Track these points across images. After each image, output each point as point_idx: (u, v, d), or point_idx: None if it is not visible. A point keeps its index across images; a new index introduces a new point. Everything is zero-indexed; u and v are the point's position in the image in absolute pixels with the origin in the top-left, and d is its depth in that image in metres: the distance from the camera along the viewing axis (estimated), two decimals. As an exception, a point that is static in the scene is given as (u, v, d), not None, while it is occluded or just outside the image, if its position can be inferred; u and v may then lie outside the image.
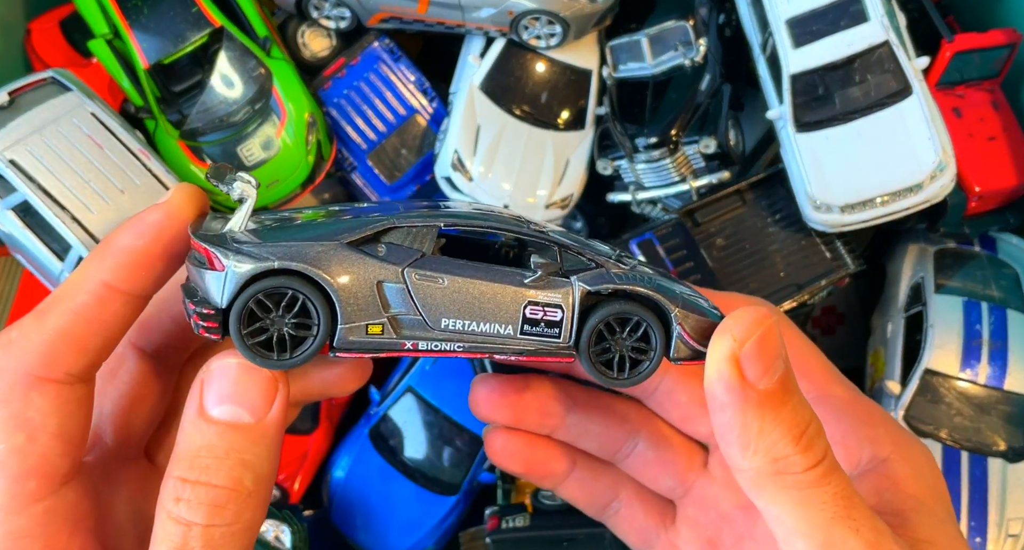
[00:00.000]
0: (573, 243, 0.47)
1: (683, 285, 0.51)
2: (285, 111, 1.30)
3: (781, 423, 0.42)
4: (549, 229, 0.49)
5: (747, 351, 0.42)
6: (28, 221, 1.13)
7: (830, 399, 0.52)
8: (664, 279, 0.49)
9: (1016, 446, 1.14)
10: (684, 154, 1.31)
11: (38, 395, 0.44)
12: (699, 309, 0.48)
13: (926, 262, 1.30)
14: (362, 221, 0.45)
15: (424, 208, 0.48)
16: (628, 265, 0.49)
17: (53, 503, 0.44)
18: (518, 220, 0.48)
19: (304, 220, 0.47)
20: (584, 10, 1.29)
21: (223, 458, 0.41)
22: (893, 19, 1.21)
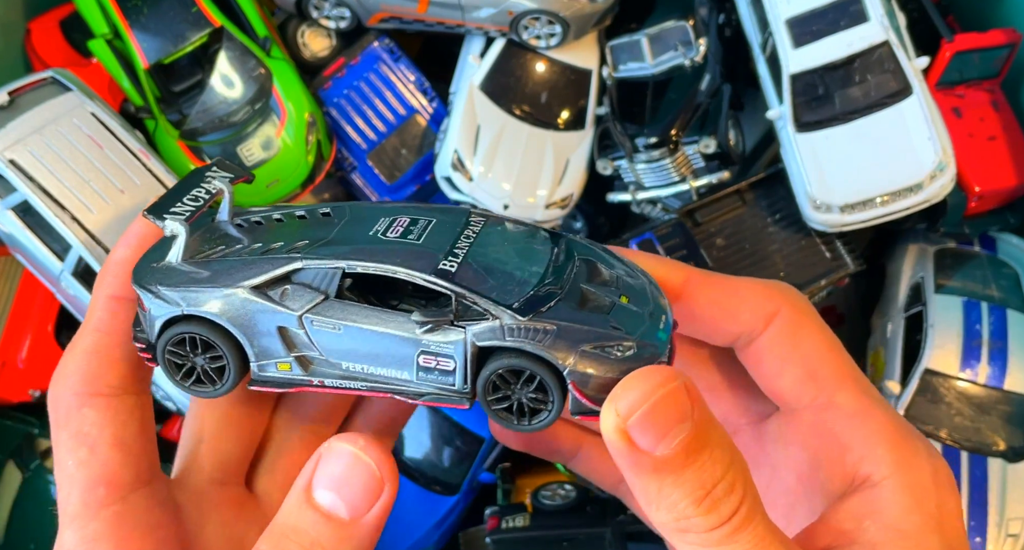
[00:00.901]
0: (470, 292, 0.44)
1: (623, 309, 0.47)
2: (285, 111, 1.30)
3: (681, 485, 0.40)
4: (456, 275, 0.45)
5: (636, 423, 0.40)
6: (28, 221, 1.13)
7: (831, 410, 0.48)
8: (577, 323, 0.45)
9: (1016, 446, 1.14)
10: (684, 154, 1.31)
11: (90, 410, 0.47)
12: (604, 361, 0.44)
13: (926, 262, 1.30)
14: (274, 261, 0.46)
15: (355, 233, 0.47)
16: (532, 312, 0.44)
17: (121, 508, 0.46)
18: (429, 260, 0.46)
19: (250, 243, 0.50)
20: (584, 10, 1.29)
21: (306, 547, 0.41)
22: (893, 19, 1.21)
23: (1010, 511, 1.10)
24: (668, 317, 0.48)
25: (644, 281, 0.50)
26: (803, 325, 0.50)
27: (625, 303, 0.47)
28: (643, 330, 0.46)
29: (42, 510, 1.23)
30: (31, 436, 1.26)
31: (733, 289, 0.51)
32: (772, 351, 0.50)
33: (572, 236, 0.53)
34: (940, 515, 0.45)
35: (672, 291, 0.51)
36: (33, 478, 1.24)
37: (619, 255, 0.52)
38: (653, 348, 0.45)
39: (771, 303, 0.50)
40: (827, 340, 0.50)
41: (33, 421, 1.27)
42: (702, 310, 0.51)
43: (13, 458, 1.26)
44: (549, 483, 1.32)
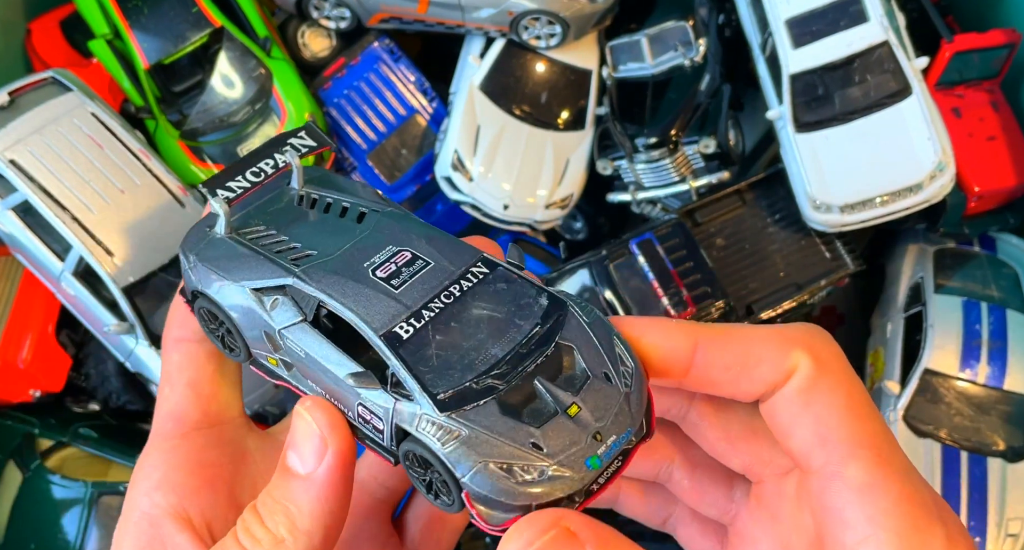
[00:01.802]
0: (403, 367, 0.43)
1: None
2: (285, 111, 1.30)
3: None
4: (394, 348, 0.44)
5: None
6: (28, 221, 1.13)
7: (839, 481, 0.43)
8: (493, 433, 0.42)
9: (1015, 446, 1.14)
10: (684, 154, 1.31)
11: (175, 353, 0.53)
12: (505, 482, 0.41)
13: (926, 262, 1.30)
14: (276, 269, 0.47)
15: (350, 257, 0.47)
16: (453, 408, 0.42)
17: (179, 443, 0.51)
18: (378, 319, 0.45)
19: (275, 232, 0.50)
20: (584, 10, 1.29)
21: (275, 502, 0.45)
22: (893, 19, 1.21)
23: (1010, 511, 1.10)
24: (621, 437, 0.43)
25: (620, 386, 0.44)
26: (819, 383, 0.44)
27: (573, 414, 0.43)
28: (572, 453, 0.42)
29: (42, 510, 1.23)
30: (31, 436, 1.26)
31: (747, 348, 0.46)
32: (785, 410, 0.45)
33: (580, 303, 0.47)
34: None
35: (681, 363, 0.46)
36: (33, 478, 1.24)
37: (619, 335, 0.46)
38: (569, 479, 0.41)
39: (789, 358, 0.45)
40: (845, 401, 0.44)
41: (33, 421, 1.27)
42: (717, 375, 0.46)
43: (13, 458, 1.26)
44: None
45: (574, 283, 1.24)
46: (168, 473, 0.50)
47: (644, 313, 1.17)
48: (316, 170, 0.55)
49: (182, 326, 0.53)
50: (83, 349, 1.31)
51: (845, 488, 0.43)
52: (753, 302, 1.24)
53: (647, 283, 1.19)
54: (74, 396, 1.34)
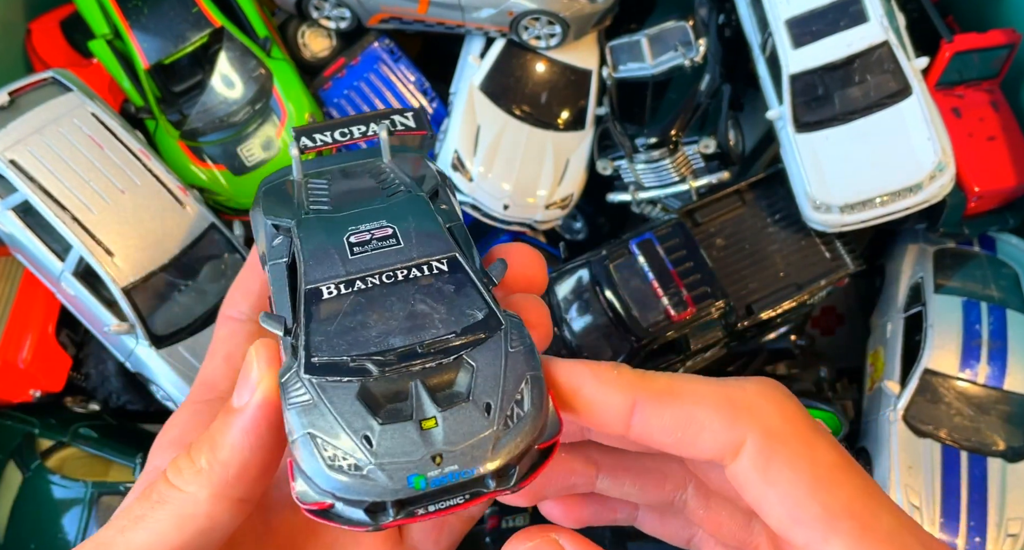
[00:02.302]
0: (302, 325, 0.43)
1: None
2: (285, 111, 1.30)
3: None
4: None
5: None
6: (28, 221, 1.13)
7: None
8: (332, 410, 0.40)
9: (1015, 446, 1.14)
10: (684, 154, 1.31)
11: (221, 328, 0.55)
12: (314, 460, 0.39)
13: (925, 262, 1.30)
14: (291, 212, 0.49)
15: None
16: (315, 373, 0.41)
17: (204, 408, 0.52)
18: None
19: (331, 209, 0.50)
20: (584, 10, 1.29)
21: (206, 434, 0.45)
22: (893, 19, 1.21)
23: (1010, 511, 1.10)
24: (465, 472, 0.39)
25: (495, 423, 0.40)
26: (776, 457, 0.40)
27: (425, 427, 0.40)
28: (399, 462, 0.39)
29: (42, 510, 1.23)
30: (31, 436, 1.26)
31: (688, 413, 0.41)
32: (747, 487, 0.41)
33: (519, 334, 0.43)
34: None
35: (618, 420, 0.42)
36: (33, 478, 1.24)
37: (536, 379, 0.42)
38: (380, 485, 0.39)
39: (734, 430, 0.41)
40: (809, 470, 0.40)
41: (33, 421, 1.27)
42: (659, 437, 0.42)
43: (13, 458, 1.26)
44: (549, 483, 1.32)
45: (574, 283, 1.24)
46: (186, 432, 0.50)
47: (644, 314, 1.17)
48: (411, 151, 0.55)
49: (232, 305, 0.55)
50: (83, 349, 1.32)
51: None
52: (753, 302, 1.24)
53: (647, 283, 1.19)
54: (74, 396, 1.34)
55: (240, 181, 1.29)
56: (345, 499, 0.39)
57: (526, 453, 0.41)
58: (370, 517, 0.39)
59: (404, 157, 0.54)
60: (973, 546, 1.09)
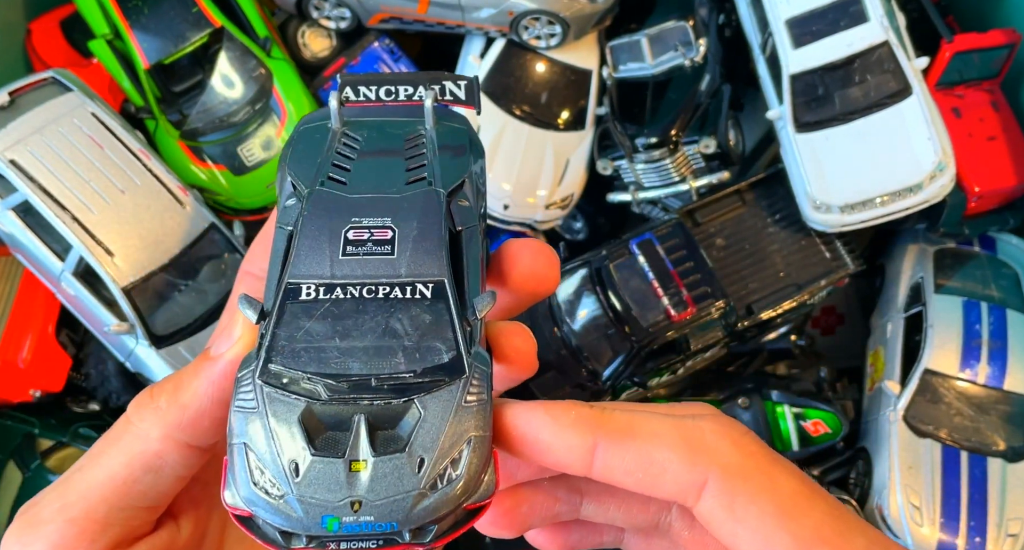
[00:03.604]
0: (272, 322, 0.42)
1: None
2: (285, 111, 1.30)
3: None
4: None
5: None
6: (28, 221, 1.13)
7: None
8: (265, 434, 0.40)
9: (1016, 446, 1.14)
10: (684, 154, 1.31)
11: (240, 283, 0.51)
12: (243, 476, 0.39)
13: (926, 262, 1.30)
14: (312, 176, 0.47)
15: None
16: (267, 380, 0.41)
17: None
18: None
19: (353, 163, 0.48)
20: (584, 10, 1.29)
21: (172, 375, 0.45)
22: (893, 19, 1.21)
23: (1010, 511, 1.10)
24: (380, 525, 0.39)
25: (421, 482, 0.39)
26: (739, 492, 0.41)
27: (354, 469, 0.39)
28: (317, 500, 0.38)
29: (42, 510, 1.23)
30: (31, 436, 1.26)
31: (648, 454, 0.42)
32: (715, 526, 0.41)
33: (478, 383, 0.41)
34: None
35: (579, 462, 0.42)
36: (33, 478, 1.24)
37: (477, 442, 0.40)
38: (295, 519, 0.38)
39: (694, 471, 0.41)
40: (774, 504, 0.40)
41: (33, 421, 1.27)
42: (621, 479, 0.42)
43: (13, 458, 1.26)
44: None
45: (574, 283, 1.24)
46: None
47: (644, 314, 1.17)
48: (461, 121, 0.52)
49: (252, 261, 0.53)
50: (83, 349, 1.31)
51: None
52: (753, 302, 1.24)
53: (647, 283, 1.19)
54: (74, 396, 1.34)
55: (240, 181, 1.29)
56: (261, 517, 0.39)
57: (449, 515, 0.40)
58: (283, 538, 0.39)
59: (448, 123, 0.51)
60: (973, 546, 1.09)
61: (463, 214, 0.46)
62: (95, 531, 0.43)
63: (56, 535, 0.43)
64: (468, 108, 0.50)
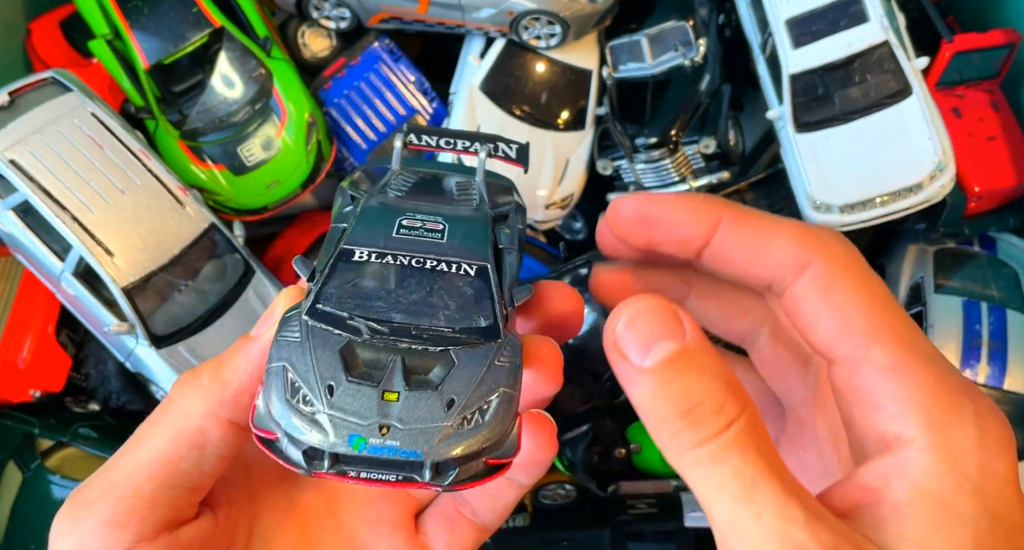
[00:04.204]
0: (323, 273, 0.45)
1: None
2: (285, 111, 1.30)
3: (668, 399, 0.41)
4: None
5: (621, 331, 0.42)
6: (28, 221, 1.13)
7: (865, 366, 0.44)
8: (308, 354, 0.42)
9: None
10: (684, 154, 1.31)
11: (282, 296, 0.51)
12: (294, 406, 0.40)
13: (926, 262, 1.30)
14: (372, 188, 0.51)
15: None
16: (316, 316, 0.43)
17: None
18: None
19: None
20: (584, 10, 1.29)
21: (217, 355, 0.47)
22: (893, 19, 1.21)
23: (1010, 511, 1.10)
24: (405, 451, 0.40)
25: (449, 420, 0.41)
26: (837, 276, 0.45)
27: (387, 398, 0.41)
28: (348, 420, 0.40)
29: (42, 510, 1.23)
30: (31, 436, 1.26)
31: (765, 234, 0.47)
32: (804, 304, 0.46)
33: (512, 351, 0.44)
34: (980, 478, 0.41)
35: (701, 240, 0.48)
36: (33, 478, 1.24)
37: (507, 396, 0.42)
38: (324, 435, 0.40)
39: (804, 252, 0.46)
40: (865, 292, 0.45)
41: (33, 421, 1.27)
42: (730, 253, 0.48)
43: (13, 458, 1.26)
44: (549, 483, 1.32)
45: (574, 283, 1.24)
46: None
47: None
48: (508, 181, 0.56)
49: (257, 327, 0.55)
50: (83, 349, 1.32)
51: (871, 371, 0.43)
52: (753, 302, 1.24)
53: (647, 283, 1.19)
54: (74, 396, 1.35)
55: (240, 181, 1.29)
56: (289, 436, 0.40)
57: (472, 459, 0.41)
58: (306, 461, 0.41)
59: (495, 182, 0.55)
60: (973, 546, 1.09)
61: (504, 237, 0.49)
62: (144, 509, 0.44)
63: (107, 512, 0.44)
64: (516, 166, 0.53)
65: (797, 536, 0.39)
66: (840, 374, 0.45)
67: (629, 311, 0.43)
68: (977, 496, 0.40)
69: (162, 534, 0.45)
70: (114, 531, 0.44)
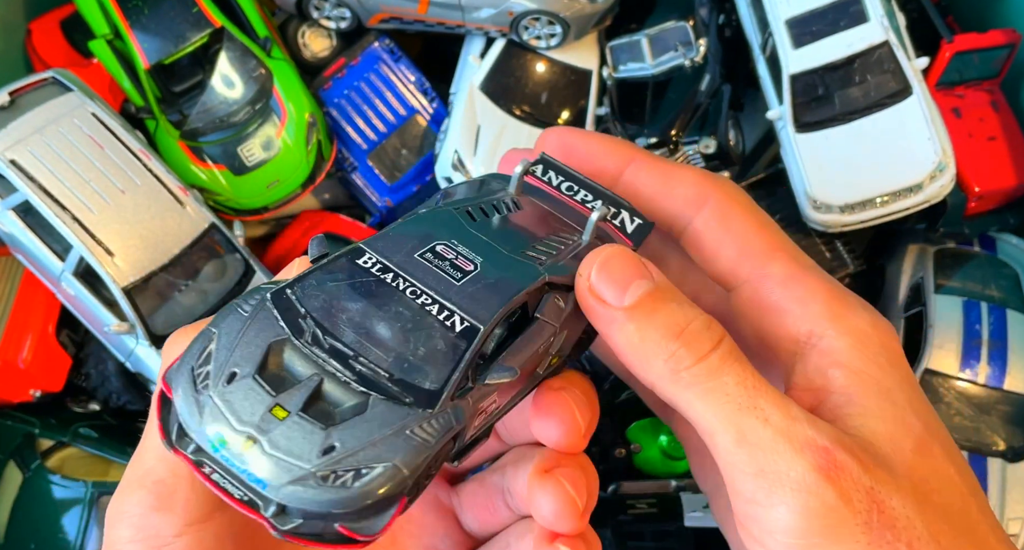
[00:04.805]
0: (320, 263, 0.43)
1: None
2: (285, 111, 1.30)
3: (656, 326, 0.43)
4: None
5: (597, 276, 0.44)
6: (28, 221, 1.13)
7: (766, 281, 0.50)
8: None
9: (1016, 446, 1.14)
10: (684, 154, 1.31)
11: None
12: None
13: (926, 262, 1.30)
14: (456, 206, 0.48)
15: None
16: (278, 304, 0.41)
17: None
18: None
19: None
20: (584, 10, 1.29)
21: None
22: (893, 19, 1.22)
23: (1009, 511, 1.10)
24: (249, 475, 0.36)
25: (314, 463, 0.36)
26: (733, 208, 0.51)
27: (273, 413, 0.37)
28: (223, 417, 0.37)
29: (42, 510, 1.23)
30: (31, 436, 1.26)
31: (669, 173, 0.52)
32: (705, 234, 0.51)
33: (427, 440, 0.38)
34: (887, 351, 0.47)
35: (614, 171, 0.53)
36: (33, 478, 1.24)
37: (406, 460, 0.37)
38: (194, 411, 0.37)
39: (703, 188, 0.51)
40: (758, 220, 0.52)
41: (33, 421, 1.27)
42: (640, 187, 0.53)
43: (13, 458, 1.26)
44: (549, 483, 1.31)
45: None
46: None
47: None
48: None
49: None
50: (83, 349, 1.31)
51: (772, 283, 0.49)
52: (753, 302, 1.24)
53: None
54: (74, 396, 1.34)
55: (240, 181, 1.29)
56: (174, 401, 0.38)
57: (320, 519, 0.37)
58: (177, 435, 0.38)
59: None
60: (973, 546, 1.09)
61: (549, 312, 0.45)
62: (186, 489, 0.44)
63: (150, 498, 0.44)
64: (626, 242, 0.51)
65: (806, 432, 0.41)
66: (745, 294, 0.50)
67: (599, 258, 0.45)
68: (892, 365, 0.47)
69: (215, 514, 0.44)
70: (162, 516, 0.43)
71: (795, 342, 0.48)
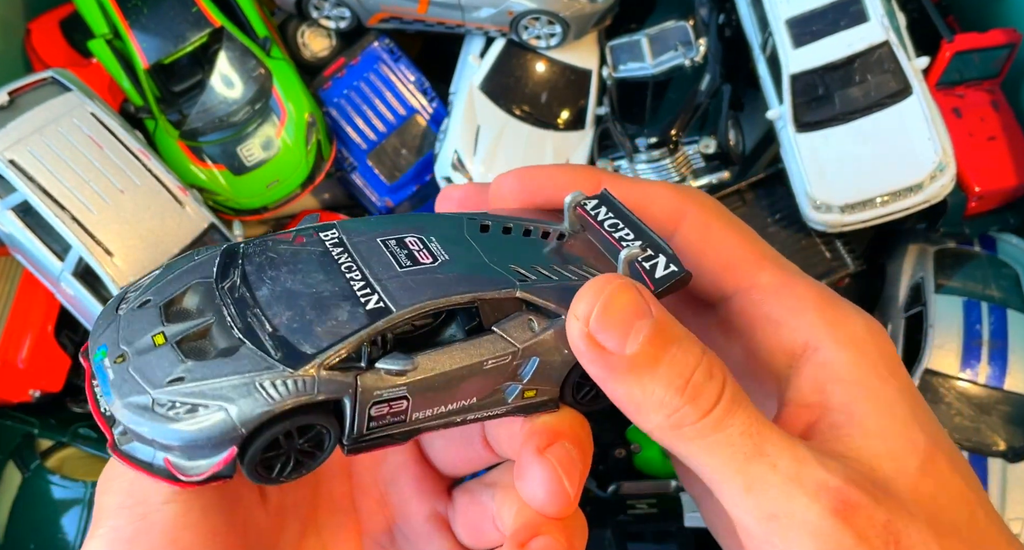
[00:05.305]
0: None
1: None
2: (285, 111, 1.30)
3: (660, 379, 0.40)
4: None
5: (596, 323, 0.40)
6: (28, 221, 1.13)
7: (755, 292, 0.48)
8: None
9: (1016, 446, 1.14)
10: (684, 154, 1.31)
11: None
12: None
13: (926, 262, 1.30)
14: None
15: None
16: (220, 277, 0.43)
17: None
18: None
19: None
20: (584, 10, 1.29)
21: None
22: (893, 19, 1.21)
23: (1010, 511, 1.10)
24: (105, 389, 0.38)
25: (153, 422, 0.37)
26: (712, 221, 0.50)
27: (153, 338, 0.39)
28: (114, 330, 0.40)
29: (42, 510, 1.23)
30: (31, 436, 1.26)
31: (641, 193, 0.50)
32: (687, 248, 0.49)
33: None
34: (885, 359, 0.45)
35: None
36: (33, 478, 1.24)
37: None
38: (101, 322, 0.41)
39: (678, 203, 0.50)
40: (738, 231, 0.50)
41: (33, 421, 1.27)
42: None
43: (13, 458, 1.26)
44: (549, 483, 1.31)
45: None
46: None
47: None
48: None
49: None
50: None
51: (763, 294, 0.48)
52: (753, 302, 1.24)
53: (647, 283, 1.19)
54: (74, 396, 1.34)
55: (240, 181, 1.29)
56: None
57: (147, 443, 0.37)
58: (89, 347, 0.41)
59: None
60: (973, 546, 1.09)
61: (512, 329, 0.43)
62: None
63: None
64: (648, 285, 0.46)
65: (815, 474, 0.39)
66: (733, 307, 0.49)
67: (601, 298, 0.40)
68: (892, 375, 0.45)
69: (204, 485, 0.44)
70: (150, 484, 0.42)
71: (790, 355, 0.46)
